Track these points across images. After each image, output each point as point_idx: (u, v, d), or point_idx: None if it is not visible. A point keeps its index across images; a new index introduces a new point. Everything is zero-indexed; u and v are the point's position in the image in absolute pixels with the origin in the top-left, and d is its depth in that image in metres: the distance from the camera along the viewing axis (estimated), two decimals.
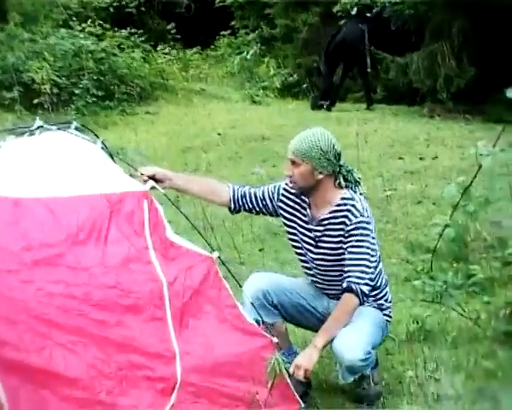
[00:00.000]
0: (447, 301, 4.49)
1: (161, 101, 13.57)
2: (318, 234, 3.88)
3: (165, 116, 12.53)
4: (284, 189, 3.96)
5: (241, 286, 3.80)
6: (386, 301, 3.98)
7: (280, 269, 5.96)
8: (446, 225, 4.51)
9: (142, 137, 10.73)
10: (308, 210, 3.92)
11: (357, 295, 3.74)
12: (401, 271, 5.63)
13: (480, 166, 4.12)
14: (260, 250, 6.42)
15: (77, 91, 11.92)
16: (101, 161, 3.96)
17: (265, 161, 9.40)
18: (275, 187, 3.99)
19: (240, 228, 6.90)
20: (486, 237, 5.81)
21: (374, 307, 3.91)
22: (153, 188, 3.76)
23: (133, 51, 13.94)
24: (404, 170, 8.60)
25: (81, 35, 13.02)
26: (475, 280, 4.62)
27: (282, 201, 3.95)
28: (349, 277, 3.76)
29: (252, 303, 3.81)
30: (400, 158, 9.17)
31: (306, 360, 3.63)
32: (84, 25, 13.61)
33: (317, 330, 4.03)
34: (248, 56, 16.00)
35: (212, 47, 17.67)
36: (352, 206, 3.80)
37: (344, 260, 3.79)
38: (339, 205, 3.83)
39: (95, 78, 12.31)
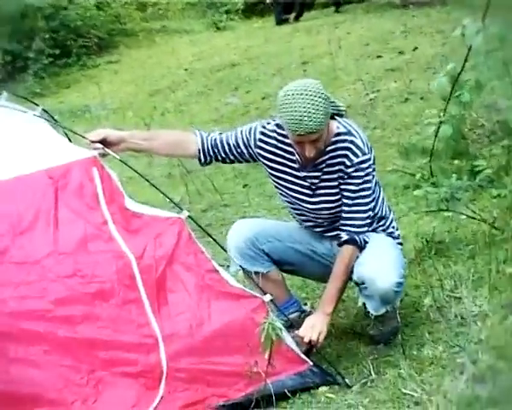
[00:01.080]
0: (455, 206, 4.00)
1: (122, 47, 12.95)
2: (315, 181, 3.31)
3: (128, 63, 11.94)
4: (262, 132, 3.34)
5: (218, 243, 3.28)
6: (394, 228, 3.47)
7: (267, 203, 5.49)
8: (441, 122, 4.01)
9: (106, 90, 10.16)
10: (296, 155, 3.32)
11: (360, 247, 3.25)
12: (398, 179, 5.11)
13: (470, 47, 3.60)
14: (244, 187, 5.91)
15: (31, 55, 11.28)
16: (38, 132, 3.44)
17: (238, 88, 8.86)
18: (250, 131, 3.35)
19: (219, 167, 6.36)
20: (484, 123, 5.28)
21: (384, 235, 3.41)
22: (103, 155, 3.24)
23: (84, 1, 13.18)
24: (384, 68, 8.03)
25: None
26: (483, 176, 4.12)
27: (260, 147, 3.34)
28: (349, 225, 3.25)
29: (240, 255, 3.34)
30: (378, 56, 8.58)
31: (320, 322, 3.18)
32: None
33: (320, 279, 3.57)
34: None
35: None
36: (351, 142, 3.22)
37: (342, 202, 3.27)
38: (335, 143, 3.25)
39: (47, 36, 11.63)
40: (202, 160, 3.39)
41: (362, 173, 3.20)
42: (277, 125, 3.31)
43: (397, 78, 7.59)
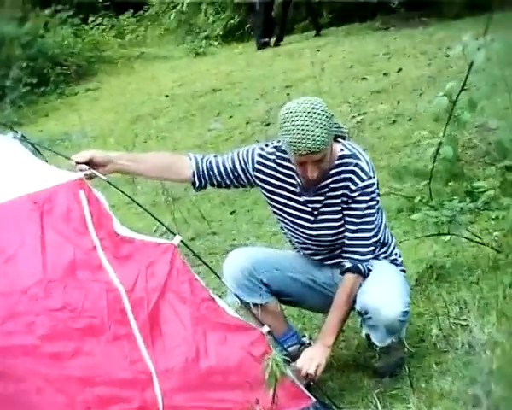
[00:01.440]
0: (456, 229, 3.85)
1: (101, 74, 12.73)
2: (318, 205, 3.15)
3: (107, 90, 11.73)
4: (260, 155, 3.17)
5: (213, 271, 3.09)
6: (397, 255, 3.31)
7: (257, 230, 5.32)
8: (441, 143, 3.87)
9: (86, 118, 9.91)
10: (297, 178, 3.16)
11: (363, 275, 3.10)
12: (390, 202, 4.95)
13: (472, 64, 3.46)
14: (232, 213, 5.73)
15: (8, 83, 11.05)
16: (17, 158, 3.24)
17: (220, 113, 8.69)
18: (247, 153, 3.18)
19: (205, 193, 6.19)
20: (478, 143, 5.15)
21: (387, 262, 3.25)
22: (90, 177, 3.06)
23: (62, 28, 13.02)
24: (370, 91, 7.90)
25: (1, 21, 12.04)
26: (485, 198, 3.98)
27: (258, 170, 3.17)
28: (353, 252, 3.10)
29: (237, 285, 3.18)
30: (363, 79, 8.46)
31: (319, 354, 3.03)
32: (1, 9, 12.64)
33: (320, 310, 3.41)
34: (184, 8, 15.09)
35: (145, 7, 16.67)
36: (356, 165, 3.07)
37: (346, 228, 3.12)
38: (339, 166, 3.09)
39: (24, 65, 11.40)
40: (197, 184, 3.22)
41: (367, 198, 3.05)
42: (276, 147, 3.16)
43: (383, 100, 7.48)
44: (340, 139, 3.13)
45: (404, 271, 3.32)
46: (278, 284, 3.26)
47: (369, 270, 3.08)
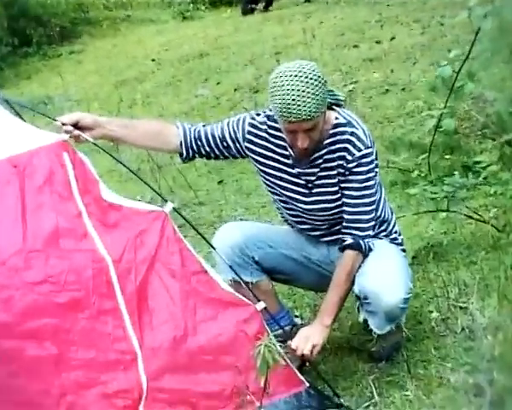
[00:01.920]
0: (455, 206, 3.68)
1: (85, 36, 12.42)
2: (312, 178, 2.96)
3: (91, 52, 11.43)
4: (251, 124, 2.98)
5: (207, 241, 2.89)
6: (397, 233, 3.13)
7: (245, 201, 5.13)
8: (442, 114, 3.68)
9: (69, 80, 9.67)
10: (290, 149, 2.96)
11: (364, 253, 2.91)
12: (385, 175, 4.76)
13: (478, 31, 3.26)
14: (219, 183, 5.53)
15: None
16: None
17: (208, 79, 8.45)
18: (238, 122, 2.99)
19: (192, 162, 5.99)
20: (476, 115, 4.97)
21: (387, 242, 3.08)
22: (76, 140, 2.86)
23: None
24: (362, 58, 7.68)
25: None
26: (487, 174, 3.80)
27: (249, 141, 2.98)
28: (353, 228, 2.90)
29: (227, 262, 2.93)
30: (355, 46, 8.23)
31: (317, 334, 2.84)
32: None
33: (314, 288, 3.27)
34: None
35: None
36: (352, 134, 2.86)
37: (344, 202, 2.92)
38: (334, 135, 2.88)
39: (6, 25, 11.07)
40: (184, 154, 3.02)
41: (364, 168, 2.86)
42: (268, 116, 2.96)
43: (376, 68, 7.27)
44: (335, 107, 2.93)
45: (404, 250, 3.15)
46: (270, 262, 3.08)
47: (370, 248, 2.90)
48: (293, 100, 2.68)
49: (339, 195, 2.91)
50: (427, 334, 3.12)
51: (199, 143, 2.99)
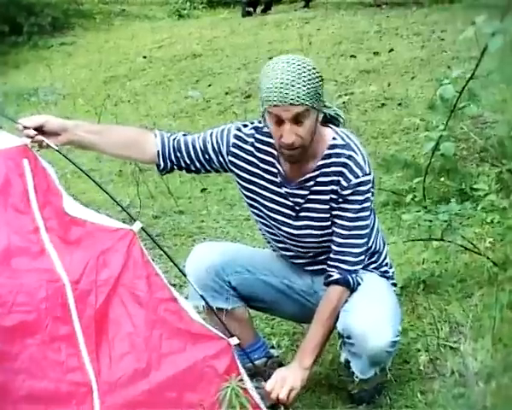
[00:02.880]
0: (450, 235, 3.43)
1: (78, 29, 12.18)
2: (301, 200, 2.70)
3: (83, 46, 11.19)
4: (236, 136, 2.71)
5: (176, 266, 2.62)
6: (388, 266, 2.88)
7: (228, 213, 4.89)
8: (441, 136, 3.44)
9: (57, 73, 9.46)
10: (279, 166, 2.71)
11: (352, 289, 2.66)
12: (378, 196, 4.51)
13: (485, 50, 3.03)
14: (202, 191, 5.27)
15: None
16: None
17: (199, 81, 8.23)
18: (222, 134, 2.72)
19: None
20: (475, 137, 4.73)
21: (377, 275, 2.83)
22: (40, 145, 2.60)
23: None
24: (358, 70, 7.46)
25: None
26: (485, 203, 3.56)
27: (234, 154, 2.71)
28: (342, 261, 2.64)
29: (200, 286, 2.65)
30: (352, 56, 8.01)
31: (295, 377, 2.57)
32: None
33: (294, 319, 3.03)
34: None
35: None
36: (350, 158, 2.60)
37: (334, 232, 2.67)
38: (329, 156, 2.63)
39: None
40: (161, 165, 2.75)
41: (360, 198, 2.60)
42: (256, 128, 2.71)
43: (372, 80, 7.05)
44: (332, 126, 2.68)
45: (394, 284, 2.91)
46: (249, 288, 2.82)
47: (358, 283, 2.65)
48: (282, 83, 2.44)
49: (328, 222, 2.65)
50: (413, 375, 2.87)
51: (178, 154, 2.73)
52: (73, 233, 2.50)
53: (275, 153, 2.69)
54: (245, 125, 2.75)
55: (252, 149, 2.71)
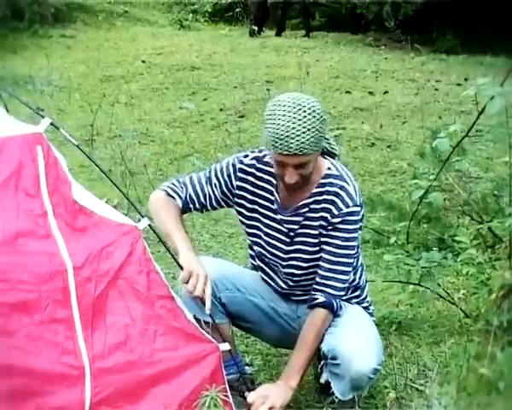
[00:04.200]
0: (428, 282, 3.56)
1: (79, 23, 12.26)
2: (295, 227, 2.80)
3: (83, 41, 11.26)
4: (240, 169, 2.80)
5: (176, 261, 2.70)
6: (368, 303, 2.99)
7: (213, 228, 4.98)
8: (430, 186, 3.57)
9: (55, 64, 9.49)
10: (276, 194, 2.81)
11: (335, 313, 2.76)
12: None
13: (483, 110, 3.15)
14: None
15: None
16: None
17: (195, 93, 8.33)
18: (228, 170, 2.80)
19: (164, 173, 5.85)
20: (460, 190, 4.87)
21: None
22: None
23: None
24: (352, 106, 7.61)
25: None
26: (464, 257, 3.69)
27: (240, 187, 2.81)
28: (328, 286, 2.73)
29: (191, 298, 2.68)
30: (347, 92, 8.17)
31: (278, 394, 2.64)
32: None
33: (274, 343, 3.11)
34: None
35: None
36: (341, 188, 2.71)
37: (322, 258, 2.76)
38: (323, 185, 2.73)
39: None
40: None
41: (349, 227, 2.70)
42: (257, 158, 2.80)
43: (365, 119, 7.20)
44: (328, 158, 2.80)
45: (374, 321, 3.01)
46: (236, 307, 2.91)
47: (341, 307, 2.76)
48: (287, 132, 2.51)
49: (317, 248, 2.76)
50: None
51: (192, 206, 2.86)
52: (80, 221, 2.57)
53: (274, 181, 2.78)
54: (246, 156, 2.82)
55: (252, 179, 2.80)
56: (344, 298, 2.80)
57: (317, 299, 2.73)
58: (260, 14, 12.11)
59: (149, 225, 2.61)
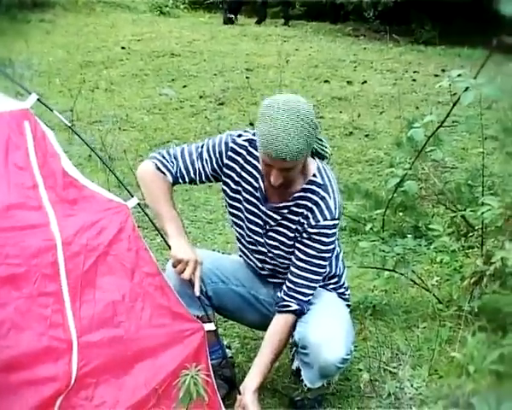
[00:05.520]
0: (402, 268, 3.65)
1: (59, 8, 12.20)
2: (272, 223, 2.85)
3: (62, 26, 11.21)
4: (232, 149, 2.81)
5: (163, 238, 2.74)
6: (345, 288, 3.07)
7: (192, 213, 5.03)
8: (406, 175, 3.65)
9: (34, 49, 9.45)
10: (261, 182, 2.84)
11: (300, 316, 2.83)
12: None
13: (457, 101, 3.24)
14: None
15: None
16: None
17: (175, 80, 8.35)
18: (220, 147, 2.81)
19: (144, 159, 5.87)
20: (436, 180, 4.97)
21: (335, 295, 3.01)
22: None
23: None
24: (330, 96, 7.68)
25: None
26: (438, 244, 3.79)
27: (228, 166, 2.83)
28: (300, 293, 2.79)
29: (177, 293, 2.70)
30: (326, 81, 8.24)
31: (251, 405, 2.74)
32: None
33: (256, 327, 3.19)
34: None
35: None
36: (323, 199, 2.73)
37: (293, 261, 2.81)
38: (305, 190, 2.76)
39: None
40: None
41: (324, 239, 2.74)
42: (250, 141, 2.81)
43: (343, 108, 7.28)
44: (316, 159, 2.81)
45: (348, 306, 3.09)
46: (220, 298, 2.98)
47: (311, 304, 2.83)
48: (278, 136, 2.52)
49: (291, 249, 2.82)
50: (352, 392, 3.05)
51: (181, 181, 2.86)
52: (71, 193, 2.60)
53: (260, 168, 2.79)
54: (239, 136, 2.83)
55: (242, 161, 2.83)
56: (321, 284, 2.87)
57: (290, 306, 2.79)
58: (235, 2, 12.12)
59: (138, 204, 2.65)
